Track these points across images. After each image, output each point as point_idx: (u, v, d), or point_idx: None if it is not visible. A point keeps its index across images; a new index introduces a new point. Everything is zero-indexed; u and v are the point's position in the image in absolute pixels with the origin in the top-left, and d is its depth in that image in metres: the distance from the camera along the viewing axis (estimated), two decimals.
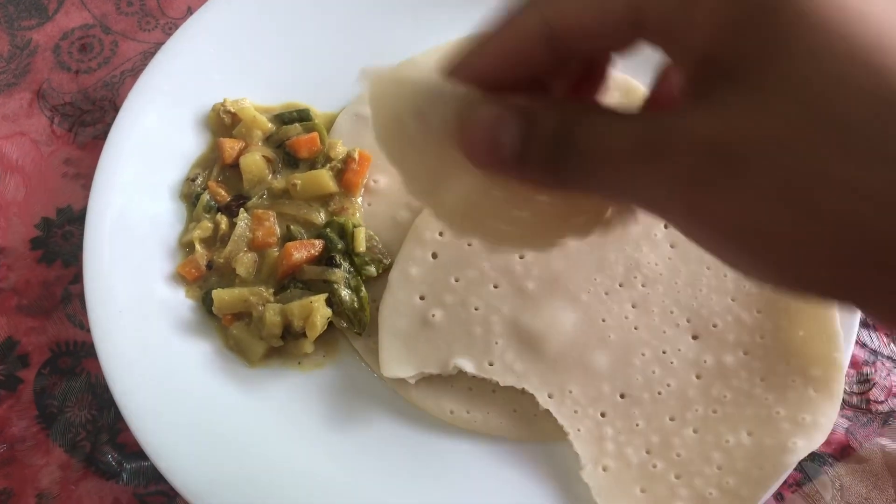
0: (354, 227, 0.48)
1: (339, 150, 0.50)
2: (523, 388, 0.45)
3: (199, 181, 0.50)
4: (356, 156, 0.50)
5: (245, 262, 0.47)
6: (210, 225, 0.49)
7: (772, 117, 0.20)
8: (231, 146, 0.50)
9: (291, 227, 0.49)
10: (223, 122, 0.51)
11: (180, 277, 0.48)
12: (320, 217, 0.49)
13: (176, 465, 0.43)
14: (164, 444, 0.44)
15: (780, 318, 0.45)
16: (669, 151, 0.21)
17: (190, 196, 0.50)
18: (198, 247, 0.48)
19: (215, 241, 0.49)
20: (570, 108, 0.24)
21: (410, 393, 0.46)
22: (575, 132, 0.23)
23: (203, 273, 0.48)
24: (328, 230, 0.48)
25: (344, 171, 0.50)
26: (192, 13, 0.56)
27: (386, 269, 0.49)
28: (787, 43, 0.20)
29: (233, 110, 0.51)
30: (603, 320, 0.46)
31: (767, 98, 0.20)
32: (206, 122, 0.52)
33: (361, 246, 0.48)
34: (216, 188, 0.50)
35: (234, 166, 0.50)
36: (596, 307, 0.46)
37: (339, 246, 0.48)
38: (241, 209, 0.49)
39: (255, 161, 0.49)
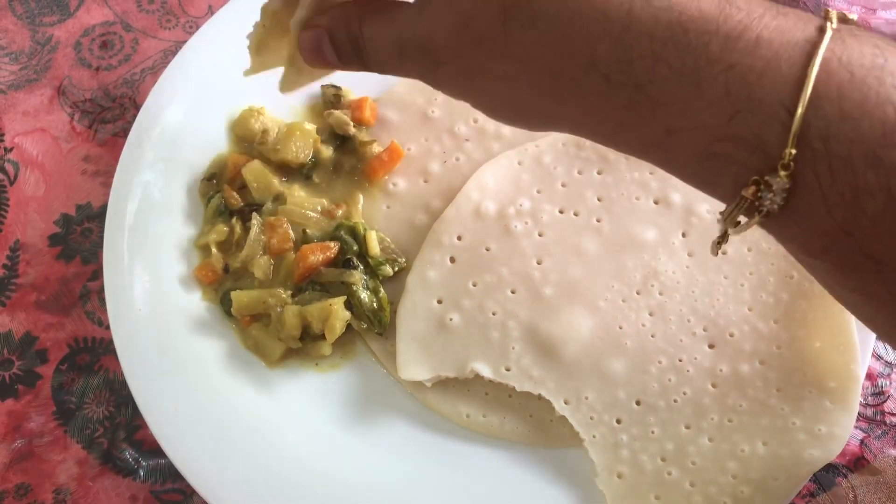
0: (365, 230, 0.48)
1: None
2: (539, 394, 0.45)
3: (214, 182, 0.51)
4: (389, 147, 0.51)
5: (262, 266, 0.48)
6: (225, 229, 0.49)
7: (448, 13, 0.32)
8: (235, 162, 0.50)
9: (307, 230, 0.49)
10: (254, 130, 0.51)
11: (197, 280, 0.49)
12: (326, 223, 0.49)
13: (193, 463, 0.43)
14: (181, 441, 0.44)
15: (797, 328, 0.45)
16: (406, 54, 0.34)
17: (206, 196, 0.50)
18: (213, 250, 0.49)
19: (231, 244, 0.49)
20: (354, 18, 0.36)
21: (427, 396, 0.46)
22: (360, 43, 0.36)
23: (219, 276, 0.48)
24: (341, 232, 0.48)
25: (372, 159, 0.51)
26: (213, 12, 0.57)
27: (401, 269, 0.49)
28: None
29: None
30: (620, 327, 0.46)
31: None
32: (226, 121, 0.52)
33: (375, 249, 0.48)
34: (230, 192, 0.50)
35: None
36: (613, 314, 0.46)
37: (354, 248, 0.48)
38: (254, 214, 0.49)
39: (256, 170, 0.49)
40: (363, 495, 0.44)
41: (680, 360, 0.45)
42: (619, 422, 0.45)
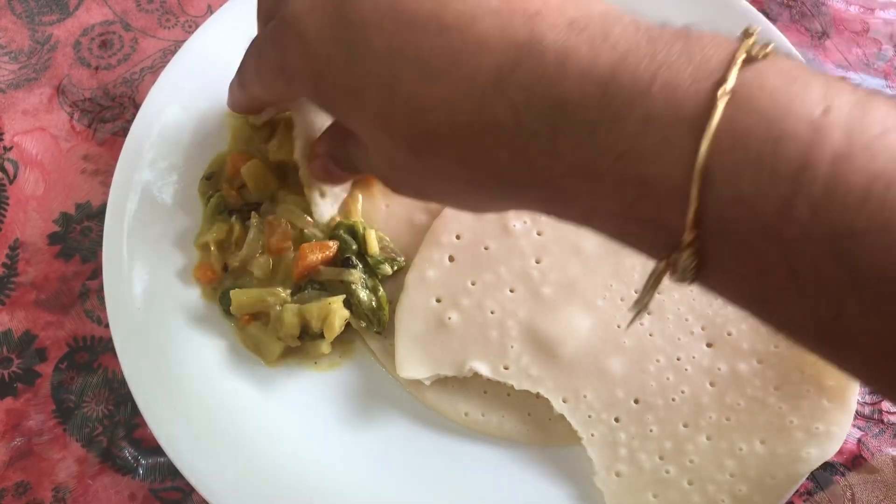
0: (364, 229, 0.49)
1: None
2: (538, 393, 0.45)
3: (214, 181, 0.51)
4: None
5: (261, 265, 0.48)
6: (225, 227, 0.49)
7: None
8: (234, 161, 0.50)
9: (305, 230, 0.49)
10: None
11: (196, 279, 0.49)
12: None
13: (192, 461, 0.44)
14: (180, 440, 0.44)
15: None
16: (374, 175, 0.37)
17: (206, 195, 0.50)
18: (213, 249, 0.49)
19: (230, 243, 0.49)
20: (341, 140, 0.40)
21: (425, 394, 0.47)
22: (351, 160, 0.39)
23: (218, 275, 0.48)
24: (340, 231, 0.48)
25: None
26: (212, 12, 0.57)
27: (401, 268, 0.49)
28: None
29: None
30: (618, 326, 0.46)
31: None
32: (226, 120, 0.52)
33: (374, 248, 0.48)
34: (229, 191, 0.50)
35: None
36: (611, 313, 0.46)
37: (353, 247, 0.48)
38: (253, 213, 0.49)
39: (254, 169, 0.49)
40: (361, 493, 0.44)
41: (678, 359, 0.46)
42: (617, 420, 0.45)
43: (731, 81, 0.25)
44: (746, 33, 0.27)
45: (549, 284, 0.47)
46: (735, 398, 0.45)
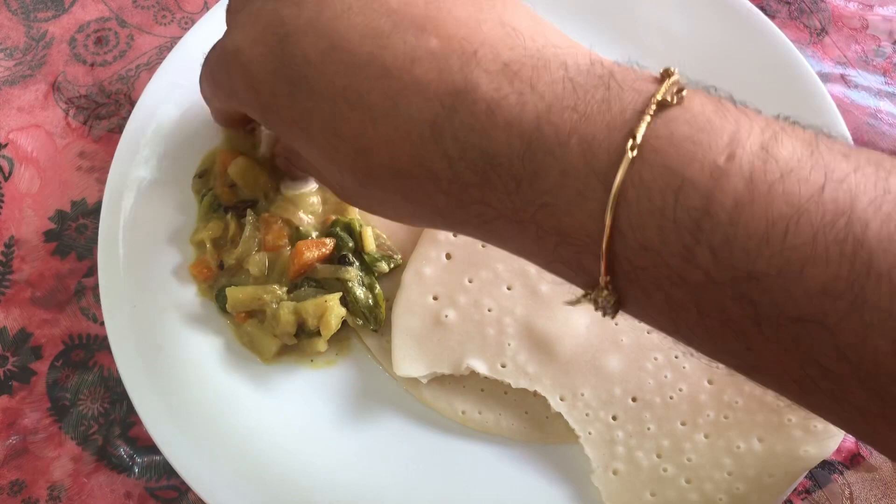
0: (361, 226, 0.48)
1: None
2: (535, 391, 0.45)
3: (205, 178, 0.50)
4: None
5: (257, 262, 0.47)
6: (220, 225, 0.49)
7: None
8: (224, 159, 0.50)
9: (301, 228, 0.48)
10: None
11: (192, 276, 0.48)
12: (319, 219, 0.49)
13: (187, 460, 0.43)
14: (175, 438, 0.44)
15: None
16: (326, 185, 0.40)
17: (199, 192, 0.50)
18: (209, 247, 0.48)
19: (226, 241, 0.49)
20: (298, 157, 0.44)
21: (422, 393, 0.46)
22: (307, 170, 0.44)
23: (214, 273, 0.48)
24: (337, 229, 0.48)
25: None
26: (208, 8, 0.57)
27: (397, 266, 0.49)
28: None
29: None
30: (616, 323, 0.46)
31: None
32: None
33: (371, 245, 0.48)
34: (222, 188, 0.49)
35: None
36: None
37: (350, 244, 0.48)
38: (249, 211, 0.48)
39: (242, 167, 0.49)
40: (358, 491, 0.44)
41: (676, 357, 0.45)
42: (614, 418, 0.45)
43: (640, 134, 0.26)
44: (665, 74, 0.28)
45: (547, 282, 0.47)
46: (733, 396, 0.44)
